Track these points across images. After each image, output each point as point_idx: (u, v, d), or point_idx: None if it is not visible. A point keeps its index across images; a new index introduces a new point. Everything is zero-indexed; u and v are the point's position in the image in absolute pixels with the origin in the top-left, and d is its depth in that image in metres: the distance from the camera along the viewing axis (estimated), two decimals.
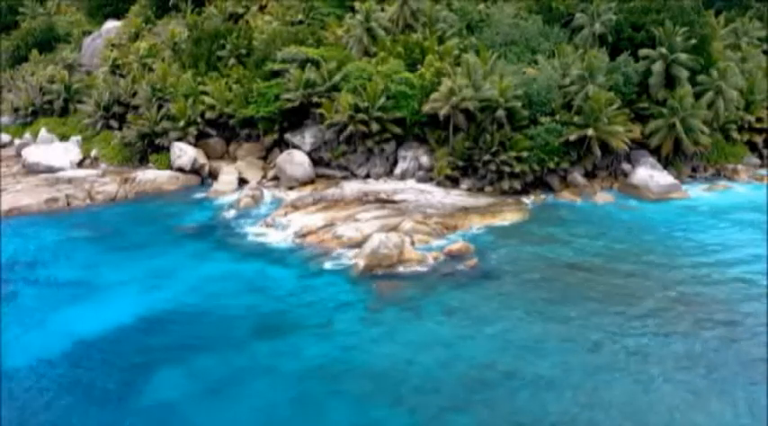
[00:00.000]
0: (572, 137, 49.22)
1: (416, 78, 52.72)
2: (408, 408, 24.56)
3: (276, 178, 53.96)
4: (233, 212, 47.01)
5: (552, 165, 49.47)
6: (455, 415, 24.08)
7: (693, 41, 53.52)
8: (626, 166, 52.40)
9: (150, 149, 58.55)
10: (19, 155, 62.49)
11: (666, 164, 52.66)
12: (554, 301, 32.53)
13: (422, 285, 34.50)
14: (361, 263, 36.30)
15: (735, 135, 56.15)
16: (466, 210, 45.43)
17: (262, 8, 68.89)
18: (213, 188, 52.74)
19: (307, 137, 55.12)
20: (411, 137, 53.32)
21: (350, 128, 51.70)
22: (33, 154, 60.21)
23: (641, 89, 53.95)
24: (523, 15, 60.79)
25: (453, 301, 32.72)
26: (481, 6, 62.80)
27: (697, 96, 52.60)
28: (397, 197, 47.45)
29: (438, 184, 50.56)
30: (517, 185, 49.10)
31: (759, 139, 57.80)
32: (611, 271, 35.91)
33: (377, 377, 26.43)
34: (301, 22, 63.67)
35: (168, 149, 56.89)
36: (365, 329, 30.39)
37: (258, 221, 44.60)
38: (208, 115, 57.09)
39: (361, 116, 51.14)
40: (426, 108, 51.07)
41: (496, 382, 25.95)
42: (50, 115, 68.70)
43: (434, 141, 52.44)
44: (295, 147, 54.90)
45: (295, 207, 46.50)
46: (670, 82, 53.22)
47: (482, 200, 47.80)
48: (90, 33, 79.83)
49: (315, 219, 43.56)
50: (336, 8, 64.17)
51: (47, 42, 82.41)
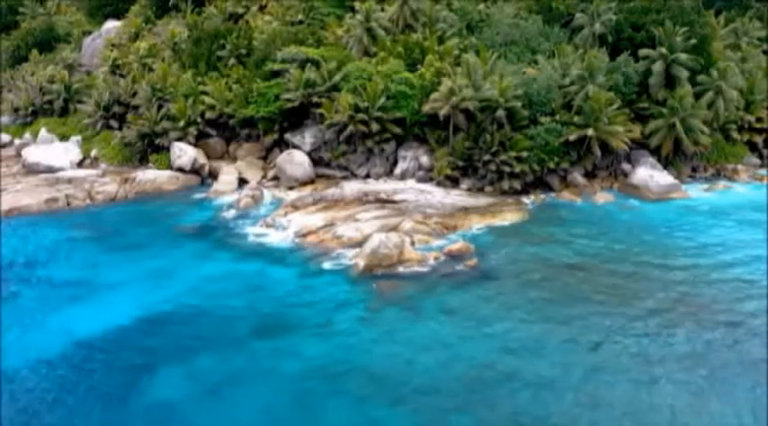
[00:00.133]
0: (572, 137, 49.25)
1: (416, 78, 52.74)
2: (408, 408, 24.55)
3: (276, 178, 53.97)
4: (233, 212, 47.02)
5: (552, 165, 49.50)
6: (455, 415, 24.07)
7: (693, 41, 53.55)
8: (626, 166, 52.41)
9: (150, 149, 58.59)
10: (19, 155, 62.56)
11: (666, 164, 52.68)
12: (554, 301, 32.53)
13: (422, 285, 34.48)
14: (361, 263, 36.31)
15: (735, 135, 56.16)
16: (466, 210, 45.44)
17: (262, 8, 68.92)
18: (213, 188, 52.75)
19: (307, 137, 55.13)
20: (411, 137, 53.35)
21: (350, 128, 51.72)
22: (33, 154, 60.25)
23: (641, 89, 53.98)
24: (523, 15, 60.82)
25: (453, 301, 32.72)
26: (481, 6, 62.83)
27: (697, 96, 52.63)
28: (397, 197, 47.46)
29: (438, 184, 50.58)
30: (517, 185, 49.12)
31: (759, 139, 57.82)
32: (611, 272, 35.90)
33: (377, 377, 26.43)
34: (301, 22, 63.71)
35: (168, 149, 56.92)
36: (365, 329, 30.39)
37: (258, 221, 44.59)
38: (208, 115, 57.13)
39: (361, 116, 51.14)
40: (426, 108, 51.09)
41: (497, 382, 25.93)
42: (50, 115, 68.76)
43: (434, 141, 52.46)
44: (295, 147, 54.91)
45: (295, 207, 46.51)
46: (670, 82, 53.25)
47: (482, 200, 47.80)
48: (90, 33, 79.91)
49: (315, 219, 43.57)
50: (336, 8, 64.20)
51: (47, 42, 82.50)
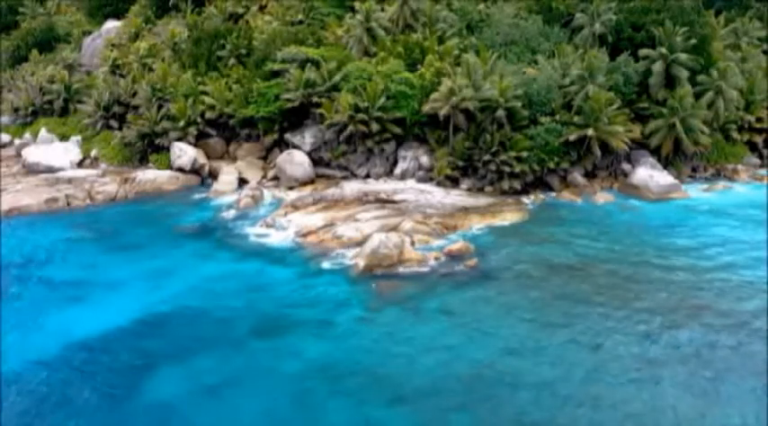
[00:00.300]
0: (572, 137, 49.24)
1: (416, 78, 52.73)
2: (409, 408, 24.55)
3: (276, 178, 53.96)
4: (233, 212, 47.02)
5: (552, 165, 49.50)
6: (456, 415, 24.07)
7: (693, 41, 53.54)
8: (626, 166, 52.41)
9: (150, 149, 58.58)
10: (19, 155, 62.55)
11: (666, 164, 52.67)
12: (554, 301, 32.50)
13: (422, 285, 34.47)
14: (361, 263, 36.30)
15: (735, 135, 56.16)
16: (466, 210, 45.43)
17: (262, 8, 68.91)
18: (213, 188, 52.74)
19: (307, 137, 55.13)
20: (411, 137, 53.34)
21: (350, 128, 51.71)
22: (33, 154, 60.24)
23: (641, 89, 53.97)
24: (523, 15, 60.81)
25: (453, 301, 32.70)
26: (481, 6, 62.82)
27: (697, 96, 52.62)
28: (397, 197, 47.45)
29: (438, 184, 50.57)
30: (517, 185, 49.12)
31: (759, 139, 57.81)
32: (611, 272, 35.89)
33: (377, 377, 26.43)
34: (301, 22, 63.70)
35: (168, 149, 56.91)
36: (365, 329, 30.39)
37: (258, 221, 44.56)
38: (208, 115, 57.12)
39: (361, 116, 51.14)
40: (426, 108, 51.08)
41: (497, 382, 25.92)
42: (50, 115, 68.75)
43: (434, 141, 52.45)
44: (295, 147, 54.90)
45: (295, 207, 46.51)
46: (670, 82, 53.24)
47: (482, 200, 47.79)
48: (90, 33, 79.90)
49: (315, 219, 43.56)
50: (336, 8, 64.19)
51: (47, 42, 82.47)
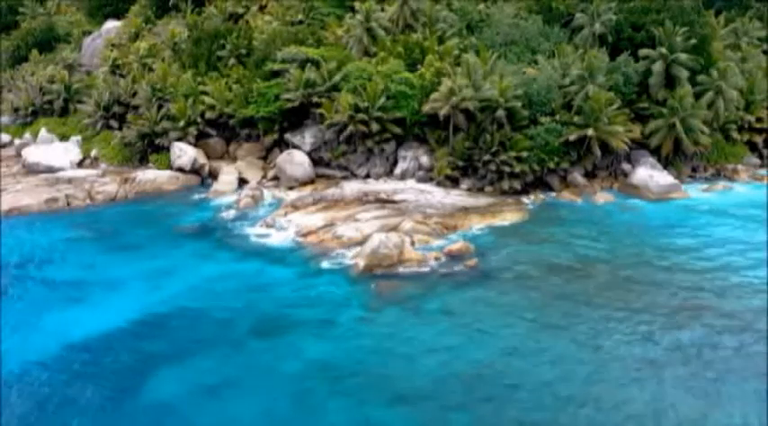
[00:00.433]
0: (572, 137, 49.24)
1: (416, 78, 52.72)
2: (409, 408, 24.56)
3: (276, 178, 53.96)
4: (233, 212, 47.02)
5: (552, 165, 49.49)
6: (456, 415, 24.07)
7: (693, 41, 53.51)
8: (626, 166, 52.39)
9: (150, 149, 58.56)
10: (19, 155, 62.53)
11: (666, 164, 52.64)
12: (555, 302, 32.50)
13: (422, 285, 34.47)
14: (361, 263, 36.31)
15: (735, 135, 56.10)
16: (466, 210, 45.43)
17: (262, 8, 68.90)
18: (213, 188, 52.74)
19: (307, 137, 55.12)
20: (411, 137, 53.32)
21: (350, 128, 51.70)
22: (33, 154, 60.23)
23: (641, 89, 53.94)
24: (523, 15, 60.78)
25: (453, 301, 32.71)
26: (481, 6, 62.79)
27: (697, 96, 52.59)
28: (397, 197, 47.44)
29: (438, 184, 50.55)
30: (517, 185, 49.11)
31: (759, 139, 57.76)
32: (611, 272, 35.89)
33: (377, 377, 26.45)
34: (301, 22, 63.69)
35: (168, 149, 56.90)
36: (365, 329, 30.40)
37: (258, 221, 44.57)
38: (208, 115, 57.10)
39: (361, 116, 51.13)
40: (426, 108, 51.07)
41: (497, 382, 25.93)
42: (50, 115, 68.72)
43: (434, 141, 52.44)
44: (295, 147, 54.90)
45: (295, 207, 46.51)
46: (670, 82, 53.22)
47: (482, 200, 47.79)
48: (90, 33, 79.88)
49: (315, 219, 43.57)
50: (336, 8, 64.18)
51: (47, 42, 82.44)
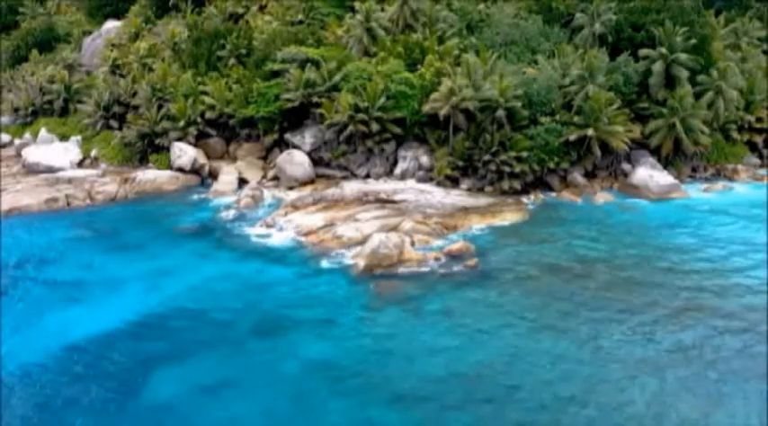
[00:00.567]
0: (572, 137, 49.24)
1: (416, 78, 52.73)
2: (408, 407, 24.55)
3: (276, 178, 53.96)
4: (233, 212, 47.01)
5: (552, 165, 49.50)
6: (456, 415, 24.06)
7: (693, 41, 53.52)
8: (626, 166, 52.40)
9: (150, 149, 58.57)
10: (19, 155, 62.55)
11: (666, 164, 52.65)
12: (555, 302, 32.48)
13: (422, 285, 34.46)
14: (361, 263, 36.31)
15: (735, 135, 56.11)
16: (466, 210, 45.43)
17: (262, 8, 68.91)
18: (213, 188, 52.74)
19: (307, 137, 55.12)
20: (411, 137, 53.33)
21: (350, 128, 51.71)
22: (33, 154, 60.24)
23: (641, 89, 53.95)
24: (523, 15, 60.80)
25: (453, 301, 32.70)
26: (481, 6, 62.80)
27: (697, 96, 52.60)
28: (397, 197, 47.44)
29: (438, 184, 50.56)
30: (517, 185, 49.11)
31: (759, 139, 57.77)
32: (612, 272, 35.87)
33: (377, 377, 26.44)
34: (301, 22, 63.70)
35: (168, 149, 56.91)
36: (365, 329, 30.41)
37: (258, 221, 44.57)
38: (208, 115, 57.12)
39: (361, 116, 51.13)
40: (426, 108, 51.08)
41: (498, 383, 25.93)
42: (50, 115, 68.75)
43: (434, 141, 52.45)
44: (295, 147, 54.90)
45: (295, 207, 46.50)
46: (670, 82, 53.23)
47: (482, 200, 47.79)
48: (90, 33, 79.92)
49: (315, 219, 43.56)
50: (336, 8, 64.20)
51: (47, 42, 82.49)
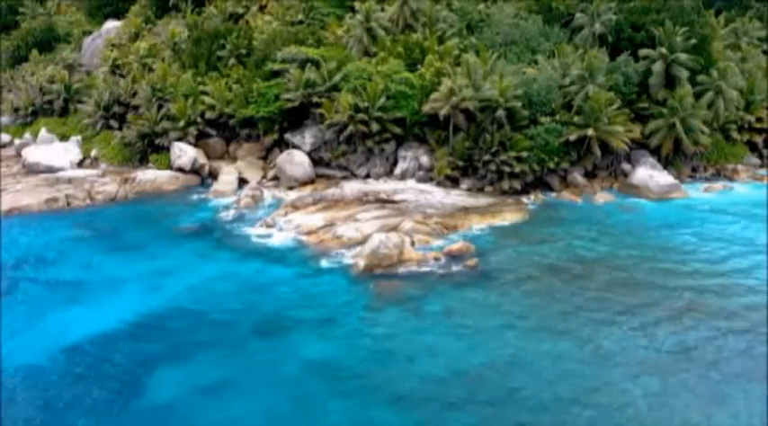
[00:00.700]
0: (572, 137, 49.24)
1: (416, 78, 52.73)
2: (408, 407, 24.55)
3: (276, 178, 53.96)
4: (233, 212, 47.01)
5: (552, 165, 49.50)
6: (456, 416, 24.08)
7: (693, 41, 53.52)
8: (626, 166, 52.40)
9: (150, 149, 58.57)
10: (19, 155, 62.54)
11: (666, 164, 52.66)
12: (555, 302, 32.48)
13: (422, 285, 34.47)
14: (361, 263, 36.31)
15: (735, 135, 56.11)
16: (466, 210, 45.43)
17: (262, 8, 68.93)
18: (213, 188, 52.72)
19: (307, 137, 55.13)
20: (411, 137, 53.33)
21: (350, 128, 51.71)
22: (33, 154, 60.23)
23: (641, 89, 53.96)
24: (523, 15, 60.80)
25: (453, 301, 32.71)
26: (481, 6, 62.81)
27: (697, 96, 52.60)
28: (397, 197, 47.44)
29: (438, 184, 50.56)
30: (517, 185, 49.11)
31: (759, 139, 57.77)
32: (612, 272, 35.88)
33: (377, 377, 26.45)
34: (301, 22, 63.71)
35: (168, 149, 56.90)
36: (365, 329, 30.41)
37: (258, 221, 44.57)
38: (208, 115, 57.12)
39: (361, 116, 51.13)
40: (426, 108, 51.08)
41: (498, 383, 25.92)
42: (50, 115, 68.74)
43: (434, 141, 52.45)
44: (295, 147, 54.90)
45: (295, 207, 46.50)
46: (670, 82, 53.23)
47: (482, 200, 47.79)
48: (90, 33, 79.93)
49: (315, 219, 43.57)
50: (336, 8, 64.21)
51: (47, 42, 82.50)
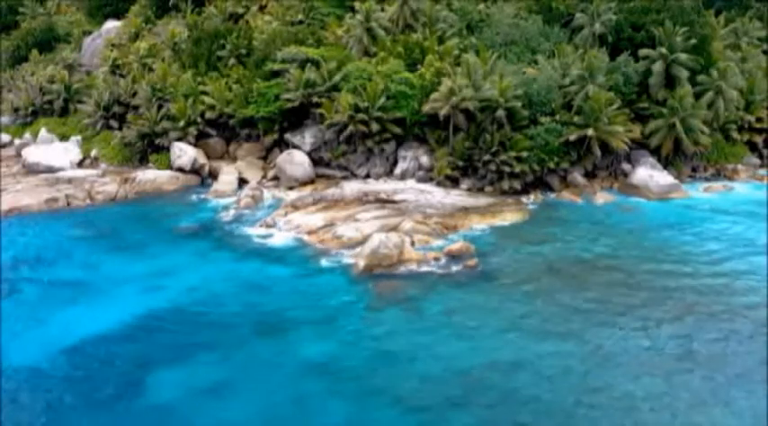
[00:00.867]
0: (572, 137, 49.25)
1: (416, 78, 52.73)
2: (408, 407, 24.54)
3: (276, 178, 53.96)
4: (233, 212, 47.01)
5: (552, 165, 49.50)
6: (456, 415, 24.08)
7: (693, 41, 53.53)
8: (626, 166, 52.41)
9: (150, 149, 58.56)
10: (19, 155, 62.53)
11: (666, 164, 52.67)
12: (555, 303, 32.46)
13: (422, 285, 34.46)
14: (361, 263, 36.31)
15: (735, 135, 56.13)
16: (466, 210, 45.43)
17: (262, 8, 68.94)
18: (213, 188, 52.71)
19: (307, 137, 55.12)
20: (411, 137, 53.33)
21: (350, 128, 51.71)
22: (33, 154, 60.23)
23: (641, 89, 53.96)
24: (523, 15, 60.81)
25: (453, 301, 32.70)
26: (481, 6, 62.80)
27: (697, 96, 52.61)
28: (397, 197, 47.45)
29: (438, 184, 50.56)
30: (517, 185, 49.11)
31: (759, 139, 57.80)
32: (612, 272, 35.87)
33: (378, 377, 26.44)
34: (301, 22, 63.72)
35: (168, 149, 56.90)
36: (365, 329, 30.41)
37: (258, 221, 44.57)
38: (208, 115, 57.11)
39: (361, 116, 51.14)
40: (426, 108, 51.08)
41: (499, 384, 25.89)
42: (50, 115, 68.73)
43: (434, 141, 52.45)
44: (295, 147, 54.90)
45: (295, 207, 46.50)
46: (670, 82, 53.23)
47: (482, 200, 47.79)
48: (90, 33, 79.94)
49: (315, 219, 43.56)
50: (336, 8, 64.22)
51: (47, 42, 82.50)
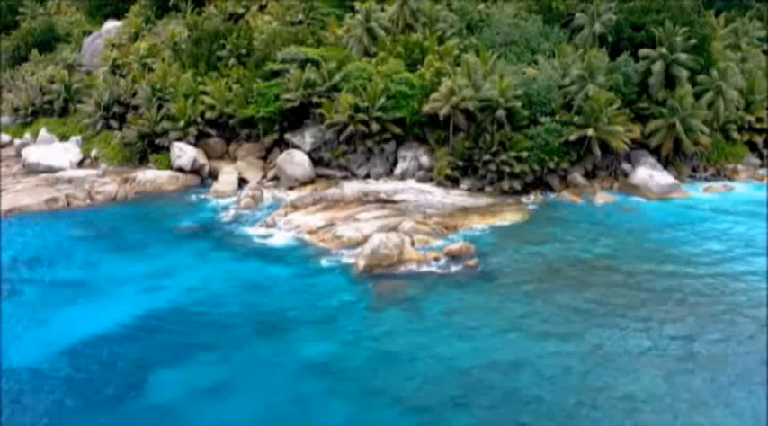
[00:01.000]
0: (572, 137, 49.26)
1: (416, 78, 52.75)
2: (409, 407, 24.55)
3: (276, 178, 53.97)
4: (233, 212, 47.01)
5: (552, 165, 49.52)
6: (456, 415, 24.08)
7: (693, 41, 53.55)
8: (626, 166, 52.42)
9: (150, 149, 58.53)
10: (19, 155, 62.49)
11: (666, 164, 52.69)
12: (555, 303, 32.46)
13: (422, 285, 34.47)
14: (361, 263, 36.31)
15: (735, 135, 56.15)
16: (466, 210, 45.44)
17: (262, 8, 69.00)
18: (213, 188, 52.71)
19: (307, 137, 55.12)
20: (411, 137, 53.35)
21: (350, 128, 51.72)
22: (33, 154, 60.20)
23: (641, 89, 53.98)
24: (523, 15, 60.83)
25: (454, 301, 32.72)
26: (481, 6, 62.84)
27: (697, 96, 52.64)
28: (397, 197, 47.46)
29: (438, 184, 50.56)
30: (517, 185, 49.12)
31: (759, 139, 57.78)
32: (612, 272, 35.88)
33: (378, 377, 26.45)
34: (301, 22, 63.75)
35: (168, 149, 56.89)
36: (365, 329, 30.41)
37: (258, 221, 44.60)
38: (208, 115, 57.11)
39: (361, 116, 51.15)
40: (426, 108, 51.09)
41: (497, 382, 25.92)
42: (50, 115, 68.72)
43: (434, 141, 52.46)
44: (295, 147, 54.90)
45: (295, 207, 46.51)
46: (670, 82, 53.24)
47: (482, 200, 47.80)
48: (90, 33, 79.97)
49: (315, 219, 43.57)
50: (336, 8, 64.27)
51: (47, 42, 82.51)
